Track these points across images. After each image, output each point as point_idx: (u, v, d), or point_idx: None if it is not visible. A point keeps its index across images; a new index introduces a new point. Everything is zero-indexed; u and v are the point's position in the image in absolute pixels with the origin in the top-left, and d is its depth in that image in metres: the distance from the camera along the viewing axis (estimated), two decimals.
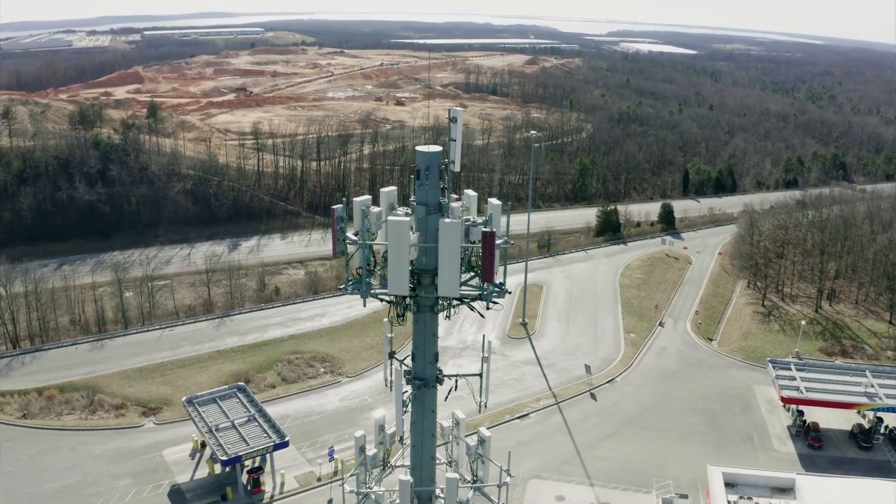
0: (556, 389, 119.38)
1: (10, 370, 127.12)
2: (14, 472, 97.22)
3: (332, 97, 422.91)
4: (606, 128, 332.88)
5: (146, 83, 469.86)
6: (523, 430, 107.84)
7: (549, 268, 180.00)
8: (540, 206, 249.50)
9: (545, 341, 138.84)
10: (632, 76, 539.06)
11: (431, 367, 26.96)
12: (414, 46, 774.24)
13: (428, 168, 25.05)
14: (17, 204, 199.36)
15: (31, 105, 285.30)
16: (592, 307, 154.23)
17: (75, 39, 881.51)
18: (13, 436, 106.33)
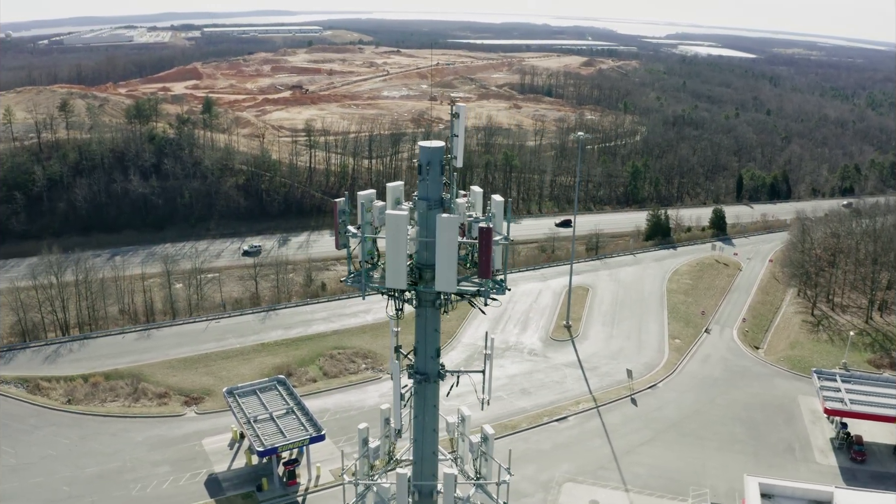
0: (597, 393, 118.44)
1: (57, 357, 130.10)
2: (56, 455, 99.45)
3: (387, 96, 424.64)
4: (661, 131, 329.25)
5: (204, 79, 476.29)
6: (561, 432, 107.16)
7: (595, 271, 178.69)
8: (591, 208, 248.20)
9: (588, 344, 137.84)
10: (689, 79, 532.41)
11: (433, 361, 26.84)
12: (470, 46, 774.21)
13: (429, 163, 24.92)
14: (72, 195, 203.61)
15: (90, 99, 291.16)
16: (638, 312, 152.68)
17: (136, 35, 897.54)
18: (57, 420, 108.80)
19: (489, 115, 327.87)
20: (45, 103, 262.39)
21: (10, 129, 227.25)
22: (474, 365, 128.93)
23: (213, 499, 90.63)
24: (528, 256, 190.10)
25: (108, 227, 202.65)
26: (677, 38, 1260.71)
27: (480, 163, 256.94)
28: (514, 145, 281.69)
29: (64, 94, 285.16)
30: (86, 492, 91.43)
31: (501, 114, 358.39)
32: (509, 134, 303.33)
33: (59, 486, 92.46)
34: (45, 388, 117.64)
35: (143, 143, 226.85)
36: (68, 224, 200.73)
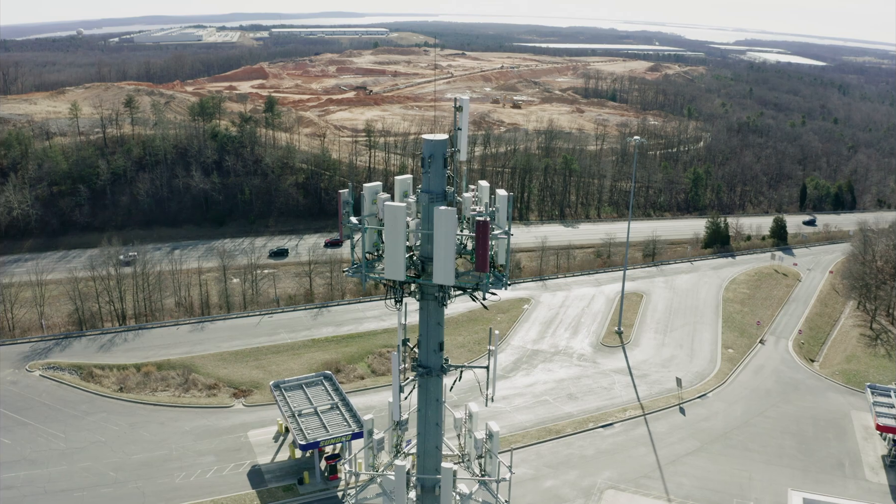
0: (645, 401, 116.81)
1: (112, 345, 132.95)
2: (104, 441, 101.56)
3: (449, 98, 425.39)
4: (724, 138, 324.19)
5: (270, 79, 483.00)
6: (606, 439, 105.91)
7: (651, 277, 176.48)
8: (650, 214, 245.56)
9: (639, 351, 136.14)
10: (755, 86, 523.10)
11: (436, 355, 26.70)
12: (536, 50, 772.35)
13: (432, 156, 24.75)
14: (135, 189, 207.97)
15: (156, 96, 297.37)
16: (692, 320, 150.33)
17: (205, 34, 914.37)
18: (108, 407, 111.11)
19: (550, 119, 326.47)
20: (112, 99, 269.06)
21: (76, 124, 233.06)
22: (522, 368, 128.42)
23: (254, 490, 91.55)
24: (584, 261, 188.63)
25: (169, 221, 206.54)
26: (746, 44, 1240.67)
27: (539, 166, 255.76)
28: (574, 149, 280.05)
29: (131, 90, 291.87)
30: (131, 478, 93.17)
31: (563, 118, 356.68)
32: (570, 138, 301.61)
33: (105, 471, 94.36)
34: (99, 375, 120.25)
35: (205, 139, 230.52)
36: (130, 217, 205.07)
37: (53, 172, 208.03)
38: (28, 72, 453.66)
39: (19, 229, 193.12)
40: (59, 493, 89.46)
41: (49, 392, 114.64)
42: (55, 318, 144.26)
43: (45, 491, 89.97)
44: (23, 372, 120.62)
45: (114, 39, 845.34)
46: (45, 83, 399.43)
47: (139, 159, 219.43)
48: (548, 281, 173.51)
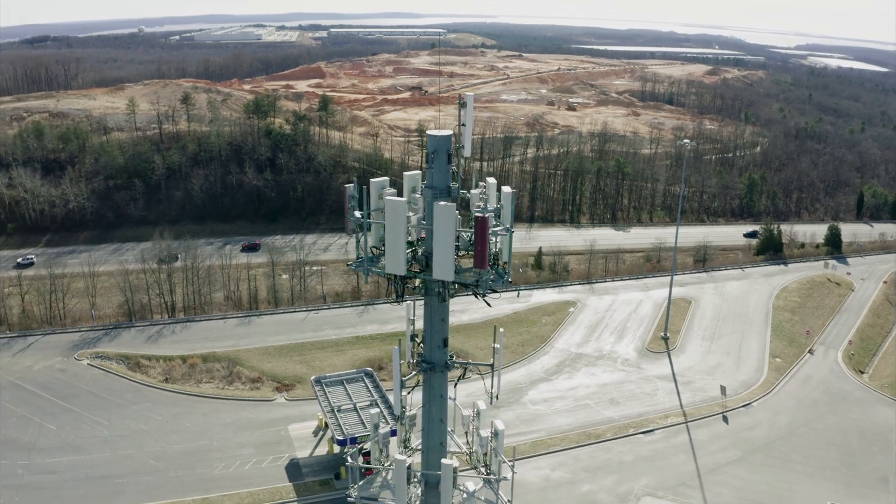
0: (688, 408, 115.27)
1: (160, 337, 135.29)
2: (147, 430, 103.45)
3: (505, 99, 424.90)
4: (781, 143, 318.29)
5: (327, 78, 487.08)
6: (646, 445, 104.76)
7: (700, 283, 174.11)
8: (704, 219, 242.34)
9: (685, 358, 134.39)
10: (815, 91, 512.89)
11: (440, 351, 26.56)
12: (594, 52, 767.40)
13: (436, 151, 24.66)
14: (189, 184, 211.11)
15: (213, 93, 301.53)
16: (740, 327, 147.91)
17: (264, 34, 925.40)
18: (153, 397, 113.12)
19: (605, 122, 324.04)
20: (170, 96, 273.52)
21: (133, 120, 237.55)
22: (565, 371, 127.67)
23: (291, 483, 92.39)
24: (633, 265, 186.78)
25: (222, 216, 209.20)
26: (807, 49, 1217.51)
27: (592, 169, 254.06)
28: (627, 152, 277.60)
29: (188, 87, 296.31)
30: (171, 467, 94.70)
31: (618, 120, 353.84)
32: (624, 141, 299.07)
33: (146, 460, 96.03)
34: (145, 365, 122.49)
35: (259, 137, 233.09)
36: (184, 212, 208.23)
37: (110, 166, 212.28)
38: (89, 68, 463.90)
39: (75, 221, 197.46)
40: (99, 480, 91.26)
41: (96, 380, 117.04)
42: (106, 309, 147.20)
43: (86, 477, 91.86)
44: (71, 360, 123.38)
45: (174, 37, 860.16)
46: (106, 79, 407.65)
47: (194, 155, 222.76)
48: (595, 284, 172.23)
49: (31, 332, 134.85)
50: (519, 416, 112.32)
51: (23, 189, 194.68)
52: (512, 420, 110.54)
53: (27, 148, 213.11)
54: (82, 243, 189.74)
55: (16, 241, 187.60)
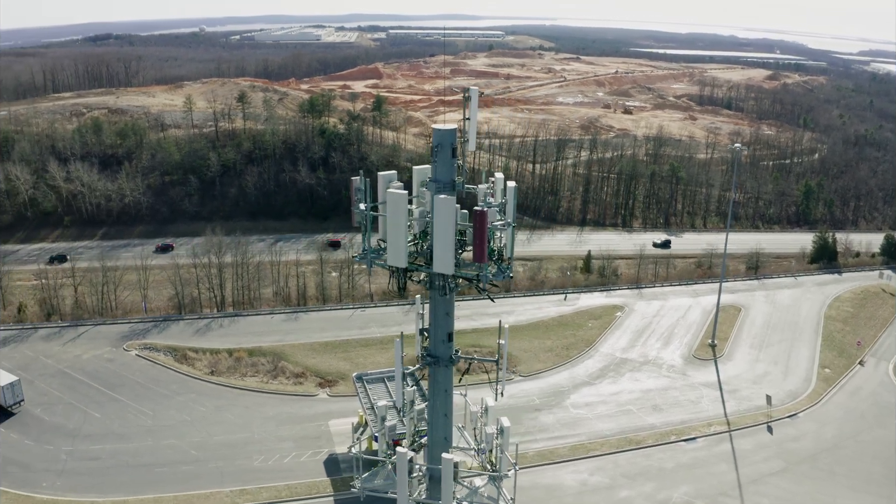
0: (732, 417, 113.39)
1: (208, 330, 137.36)
2: (191, 421, 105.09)
3: (561, 102, 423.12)
4: (840, 150, 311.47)
5: (384, 79, 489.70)
6: (687, 453, 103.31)
7: (751, 290, 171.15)
8: (759, 226, 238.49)
9: (732, 366, 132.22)
10: (876, 98, 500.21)
11: (444, 345, 26.47)
12: (652, 56, 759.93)
13: (440, 145, 24.59)
14: (243, 181, 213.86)
15: (270, 92, 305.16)
16: (790, 336, 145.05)
17: (324, 34, 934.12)
18: (198, 389, 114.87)
19: (661, 125, 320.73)
20: (227, 95, 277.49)
21: (190, 117, 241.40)
22: (608, 376, 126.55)
23: (328, 477, 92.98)
24: (683, 271, 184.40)
25: (274, 213, 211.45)
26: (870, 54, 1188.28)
27: (646, 173, 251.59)
28: (682, 157, 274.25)
29: (246, 86, 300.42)
30: (211, 458, 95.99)
31: (674, 125, 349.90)
32: (679, 145, 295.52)
33: (188, 450, 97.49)
34: (192, 358, 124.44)
35: (313, 136, 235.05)
36: (238, 209, 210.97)
37: (166, 163, 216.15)
38: (150, 66, 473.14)
39: (130, 216, 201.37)
40: (141, 468, 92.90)
41: (143, 371, 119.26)
42: (156, 302, 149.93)
43: (128, 464, 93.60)
44: (120, 350, 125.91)
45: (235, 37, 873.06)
46: (166, 77, 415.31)
47: (249, 153, 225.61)
48: (644, 289, 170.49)
49: (83, 323, 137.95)
50: (560, 419, 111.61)
51: (80, 183, 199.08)
52: (553, 423, 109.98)
53: (85, 143, 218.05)
54: (137, 237, 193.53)
55: (72, 234, 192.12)
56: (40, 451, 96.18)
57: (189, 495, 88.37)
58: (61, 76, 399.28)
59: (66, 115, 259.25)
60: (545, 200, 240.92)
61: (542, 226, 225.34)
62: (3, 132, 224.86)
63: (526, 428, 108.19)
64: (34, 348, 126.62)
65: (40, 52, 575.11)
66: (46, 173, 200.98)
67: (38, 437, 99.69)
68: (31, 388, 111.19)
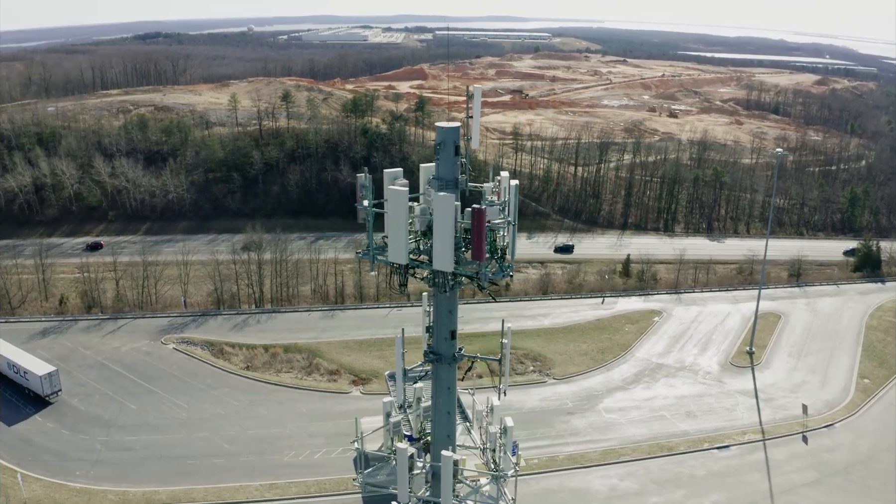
0: (767, 426, 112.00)
1: (245, 326, 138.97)
2: (224, 414, 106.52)
3: (606, 105, 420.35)
4: (888, 157, 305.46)
5: (429, 80, 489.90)
6: (719, 461, 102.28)
7: (792, 298, 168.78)
8: (802, 233, 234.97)
9: (769, 374, 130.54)
10: None
11: (447, 343, 26.53)
12: (700, 59, 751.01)
13: (443, 143, 24.74)
14: (285, 179, 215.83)
15: (315, 92, 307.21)
16: (829, 345, 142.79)
17: (371, 35, 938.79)
18: (233, 383, 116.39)
19: (706, 130, 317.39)
20: (272, 94, 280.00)
21: (235, 115, 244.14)
22: (643, 381, 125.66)
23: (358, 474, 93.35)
24: (724, 277, 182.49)
25: (315, 212, 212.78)
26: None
27: (689, 177, 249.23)
28: (727, 161, 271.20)
29: (291, 86, 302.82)
30: (243, 451, 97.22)
31: (719, 129, 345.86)
32: (724, 150, 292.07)
33: (220, 443, 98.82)
34: (228, 352, 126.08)
35: (356, 135, 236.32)
36: (279, 206, 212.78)
37: (210, 160, 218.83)
38: (198, 64, 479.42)
39: (174, 212, 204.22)
40: (173, 459, 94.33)
41: (179, 364, 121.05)
42: (196, 297, 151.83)
43: (160, 456, 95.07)
44: (157, 344, 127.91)
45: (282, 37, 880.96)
46: (213, 76, 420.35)
47: (291, 151, 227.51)
48: (683, 295, 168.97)
49: (123, 315, 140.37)
50: (592, 423, 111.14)
51: (125, 179, 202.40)
52: (584, 427, 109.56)
53: (131, 139, 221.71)
54: (180, 233, 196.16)
55: (116, 229, 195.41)
56: (75, 441, 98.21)
57: (219, 488, 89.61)
58: (110, 73, 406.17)
59: (113, 112, 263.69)
60: (586, 203, 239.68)
61: (582, 229, 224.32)
62: (51, 128, 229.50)
63: (557, 431, 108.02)
64: (74, 339, 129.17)
65: (90, 50, 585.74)
66: (92, 168, 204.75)
67: (74, 426, 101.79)
68: (70, 379, 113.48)
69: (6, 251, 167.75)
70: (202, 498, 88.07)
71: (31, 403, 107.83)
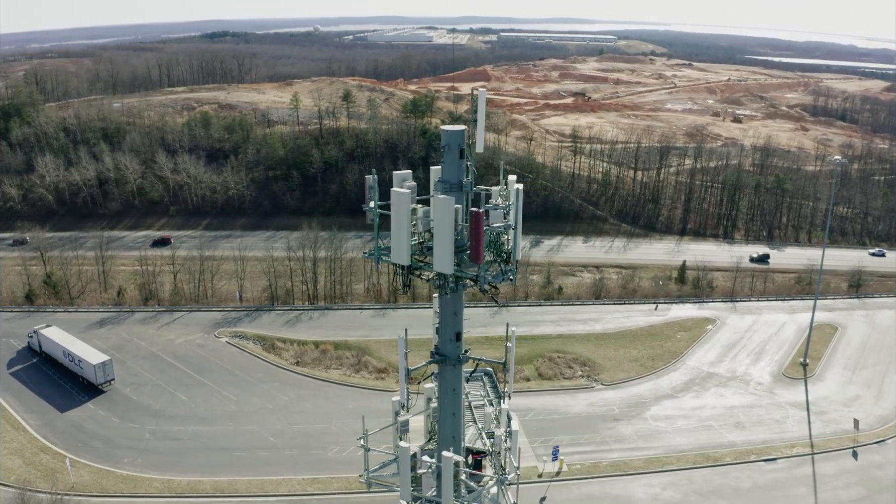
0: (817, 440, 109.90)
1: (297, 322, 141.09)
2: (272, 408, 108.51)
3: (669, 108, 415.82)
4: None
5: (492, 81, 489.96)
6: (765, 474, 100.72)
7: (850, 310, 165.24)
8: (865, 243, 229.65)
9: (822, 387, 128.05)
10: None
11: (452, 345, 26.83)
12: (767, 64, 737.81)
13: (447, 146, 25.18)
14: (344, 179, 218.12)
15: (376, 92, 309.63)
16: (886, 359, 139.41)
17: (435, 36, 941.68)
18: (283, 378, 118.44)
19: (769, 135, 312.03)
20: (335, 93, 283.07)
21: (296, 114, 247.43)
22: (692, 390, 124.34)
23: None
24: (782, 286, 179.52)
25: None
26: None
27: (750, 183, 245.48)
28: (790, 168, 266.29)
29: (353, 86, 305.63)
30: (288, 445, 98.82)
31: (784, 135, 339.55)
32: (788, 156, 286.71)
33: (266, 436, 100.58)
34: (280, 348, 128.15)
35: (415, 136, 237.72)
36: (338, 205, 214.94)
37: (270, 158, 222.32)
38: (263, 63, 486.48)
39: (234, 208, 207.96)
40: (219, 451, 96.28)
41: (231, 358, 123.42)
42: (251, 293, 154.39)
43: (207, 447, 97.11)
44: (211, 337, 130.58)
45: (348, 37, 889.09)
46: (278, 75, 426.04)
47: (351, 151, 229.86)
48: (738, 303, 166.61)
49: (178, 309, 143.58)
50: (638, 430, 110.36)
51: (186, 175, 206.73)
52: (630, 434, 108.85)
53: (194, 136, 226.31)
54: (239, 229, 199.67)
55: (176, 223, 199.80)
56: (125, 429, 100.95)
57: (262, 480, 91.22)
58: (176, 71, 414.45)
59: (178, 109, 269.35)
60: (645, 208, 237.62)
61: (640, 234, 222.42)
62: (116, 123, 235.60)
63: (602, 437, 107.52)
64: (130, 330, 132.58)
65: (158, 48, 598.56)
66: (155, 164, 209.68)
67: (125, 415, 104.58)
68: (123, 369, 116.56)
69: (68, 243, 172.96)
70: (245, 489, 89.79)
71: (84, 391, 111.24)
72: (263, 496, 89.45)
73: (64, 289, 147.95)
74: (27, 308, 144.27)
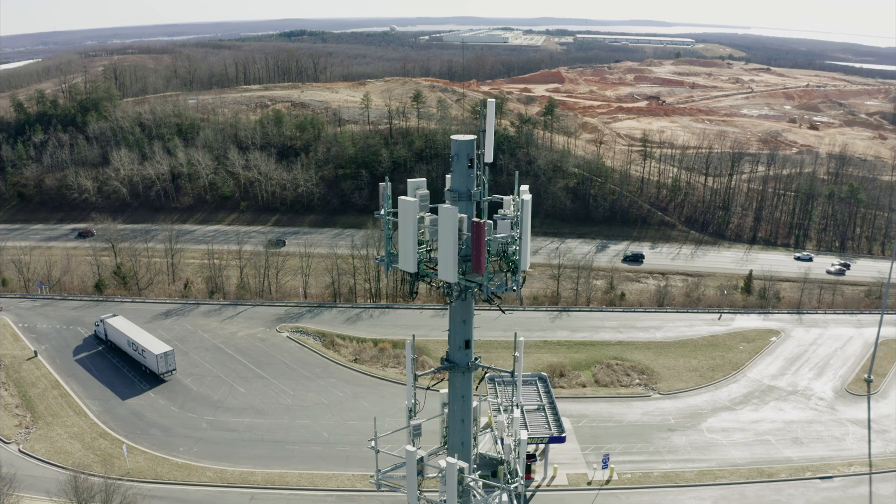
0: (876, 459, 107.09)
1: (358, 319, 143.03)
2: (327, 404, 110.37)
3: (745, 114, 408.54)
4: None
5: (566, 83, 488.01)
6: (820, 491, 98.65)
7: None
8: None
9: (885, 404, 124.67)
10: None
11: (461, 352, 27.46)
12: (847, 70, 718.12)
13: (457, 156, 25.81)
14: (412, 178, 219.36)
15: (448, 93, 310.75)
16: None
17: (511, 37, 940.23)
18: (339, 374, 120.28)
19: (846, 143, 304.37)
20: (406, 93, 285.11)
21: (367, 113, 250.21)
22: (751, 403, 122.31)
23: None
24: (851, 299, 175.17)
25: None
26: None
27: (824, 192, 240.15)
28: (865, 178, 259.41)
29: (426, 86, 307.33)
30: (341, 441, 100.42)
31: (861, 143, 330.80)
32: (864, 165, 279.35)
33: (319, 431, 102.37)
34: (339, 344, 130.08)
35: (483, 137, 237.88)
36: None
37: (340, 156, 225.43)
38: (338, 63, 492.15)
39: (303, 205, 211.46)
40: (273, 443, 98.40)
41: (291, 352, 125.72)
42: (314, 289, 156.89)
43: (262, 439, 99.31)
44: (272, 331, 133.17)
45: (424, 37, 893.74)
46: (352, 74, 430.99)
47: (419, 151, 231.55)
48: (804, 315, 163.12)
49: (242, 302, 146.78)
50: (692, 442, 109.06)
51: (257, 171, 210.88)
52: (684, 446, 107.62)
53: (266, 133, 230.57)
54: (307, 226, 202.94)
55: (246, 219, 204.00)
56: (183, 418, 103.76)
57: (313, 474, 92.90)
58: (252, 69, 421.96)
59: (251, 107, 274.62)
60: (714, 215, 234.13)
61: (708, 241, 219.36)
62: (191, 119, 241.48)
63: (655, 447, 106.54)
64: (194, 322, 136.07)
65: (236, 45, 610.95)
66: (227, 160, 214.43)
67: (184, 404, 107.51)
68: (185, 359, 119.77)
69: (140, 235, 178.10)
70: (295, 483, 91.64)
71: (146, 380, 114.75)
72: (313, 490, 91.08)
73: (133, 280, 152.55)
74: (96, 297, 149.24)
